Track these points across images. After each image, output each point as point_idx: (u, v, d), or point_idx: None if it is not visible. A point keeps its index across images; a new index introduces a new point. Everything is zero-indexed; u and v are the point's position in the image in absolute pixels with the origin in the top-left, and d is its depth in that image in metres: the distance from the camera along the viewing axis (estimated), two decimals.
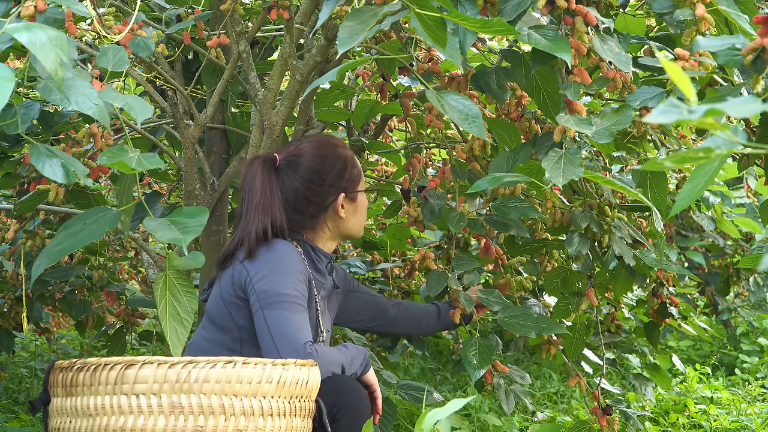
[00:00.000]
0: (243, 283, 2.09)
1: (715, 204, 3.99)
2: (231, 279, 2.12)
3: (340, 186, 2.23)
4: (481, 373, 2.31)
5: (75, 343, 5.47)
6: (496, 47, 2.94)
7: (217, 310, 2.13)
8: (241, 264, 2.11)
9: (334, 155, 2.25)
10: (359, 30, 1.72)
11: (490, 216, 2.45)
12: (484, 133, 1.89)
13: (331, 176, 2.23)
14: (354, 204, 2.26)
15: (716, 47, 1.70)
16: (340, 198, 2.23)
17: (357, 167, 2.28)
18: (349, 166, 2.26)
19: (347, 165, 2.25)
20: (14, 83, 1.40)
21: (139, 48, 2.23)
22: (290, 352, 1.99)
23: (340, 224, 2.25)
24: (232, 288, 2.11)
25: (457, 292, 2.45)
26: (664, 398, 4.23)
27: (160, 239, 1.78)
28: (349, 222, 2.26)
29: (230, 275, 2.12)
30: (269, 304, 2.04)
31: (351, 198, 2.25)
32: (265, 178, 2.17)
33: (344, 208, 2.24)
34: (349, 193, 2.25)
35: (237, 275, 2.11)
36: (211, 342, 2.12)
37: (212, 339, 2.13)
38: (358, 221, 2.28)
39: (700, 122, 0.98)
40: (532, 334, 2.38)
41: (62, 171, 1.69)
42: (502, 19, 1.78)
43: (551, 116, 2.29)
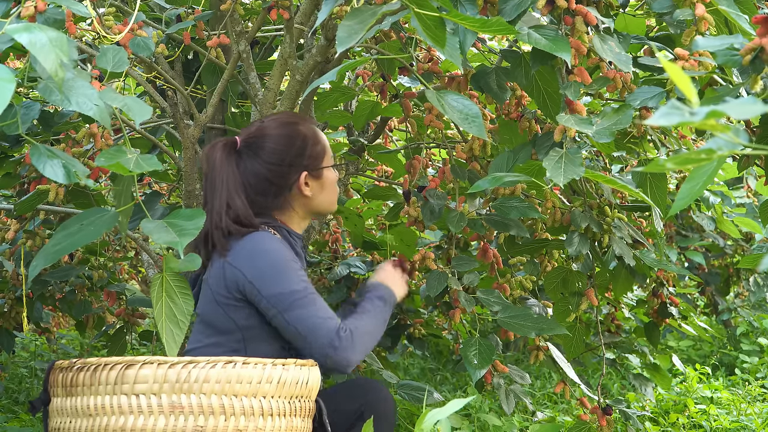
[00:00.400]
0: (240, 285, 2.05)
1: (715, 204, 3.99)
2: (223, 281, 2.07)
3: (301, 164, 2.18)
4: (481, 373, 2.31)
5: (75, 343, 5.47)
6: (496, 47, 2.94)
7: (214, 313, 2.08)
8: (230, 264, 2.06)
9: (294, 133, 2.19)
10: (358, 29, 1.72)
11: (490, 216, 2.45)
12: (484, 133, 1.89)
13: (291, 155, 2.17)
14: (319, 181, 2.21)
15: (715, 47, 1.70)
16: (303, 176, 2.17)
17: (321, 143, 2.22)
18: (310, 143, 2.19)
19: (308, 142, 2.19)
20: (15, 84, 1.40)
21: (139, 48, 2.23)
22: (327, 347, 1.98)
23: (307, 203, 2.20)
24: (226, 290, 2.06)
25: (457, 292, 2.45)
26: (664, 398, 4.23)
27: (157, 242, 1.78)
28: (316, 199, 2.21)
29: (220, 276, 2.07)
30: (287, 308, 2.02)
31: (315, 175, 2.20)
32: (225, 163, 2.14)
33: (309, 185, 2.19)
34: (312, 171, 2.19)
35: (230, 277, 2.06)
36: (213, 346, 2.07)
37: (214, 343, 2.08)
38: (326, 197, 2.22)
39: (702, 124, 0.98)
40: (532, 334, 2.38)
41: (63, 171, 1.69)
42: (501, 19, 1.78)
43: (551, 116, 2.29)
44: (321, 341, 1.99)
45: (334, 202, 2.25)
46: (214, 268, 2.10)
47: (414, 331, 3.69)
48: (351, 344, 2.01)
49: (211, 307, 2.08)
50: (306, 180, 2.18)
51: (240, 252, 2.07)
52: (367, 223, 4.20)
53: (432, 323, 4.06)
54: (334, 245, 3.83)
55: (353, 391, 2.12)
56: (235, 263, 2.06)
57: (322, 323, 2.01)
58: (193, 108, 2.73)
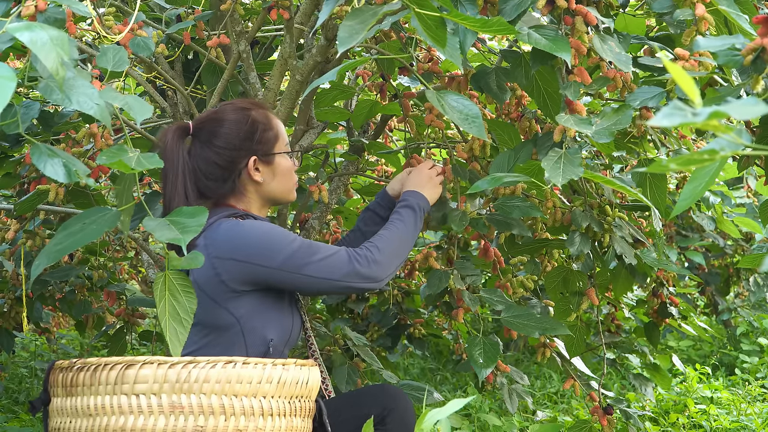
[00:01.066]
0: (246, 273, 2.03)
1: (716, 204, 3.99)
2: (217, 277, 2.03)
3: (250, 148, 2.16)
4: (487, 372, 2.31)
5: (75, 343, 5.47)
6: (496, 47, 2.94)
7: (209, 312, 2.04)
8: (221, 258, 2.03)
9: (245, 118, 2.17)
10: (359, 29, 1.72)
11: (492, 215, 2.45)
12: (484, 134, 1.89)
13: (240, 139, 2.15)
14: (271, 167, 2.18)
15: (716, 47, 1.70)
16: (251, 161, 2.16)
17: (273, 129, 2.20)
18: (260, 128, 2.17)
19: (257, 127, 2.17)
20: (15, 83, 1.40)
21: (139, 48, 2.23)
22: (354, 277, 2.08)
23: (260, 189, 2.18)
24: (224, 285, 2.03)
25: (461, 292, 2.45)
26: (664, 398, 4.24)
27: (160, 239, 1.78)
28: (269, 186, 2.19)
29: (211, 275, 2.03)
30: (302, 265, 2.05)
31: (265, 161, 2.17)
32: (176, 150, 2.13)
33: (260, 171, 2.17)
34: (262, 156, 2.17)
35: (228, 270, 2.03)
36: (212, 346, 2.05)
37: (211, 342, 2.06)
38: (280, 185, 2.20)
39: (704, 124, 0.98)
40: (535, 333, 2.38)
41: (64, 171, 1.69)
42: (502, 19, 1.78)
43: (551, 116, 2.29)
44: (343, 273, 2.07)
45: (290, 190, 2.23)
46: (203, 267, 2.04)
47: (414, 331, 3.69)
48: (372, 262, 2.10)
49: (205, 306, 2.04)
50: (256, 165, 2.16)
51: (222, 243, 2.04)
52: None
53: (432, 323, 4.06)
54: None
55: (377, 396, 2.12)
56: (226, 255, 2.03)
57: (335, 260, 2.07)
58: (193, 108, 2.73)
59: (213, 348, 2.06)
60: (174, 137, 2.14)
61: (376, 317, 3.72)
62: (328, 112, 2.96)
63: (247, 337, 2.06)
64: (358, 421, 2.06)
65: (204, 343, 2.07)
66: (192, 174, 2.14)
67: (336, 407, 2.12)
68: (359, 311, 3.80)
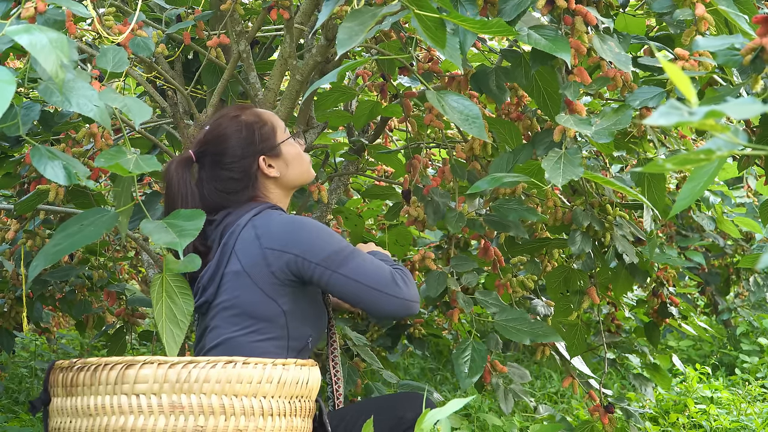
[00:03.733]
0: (291, 265, 2.05)
1: (715, 204, 3.99)
2: (268, 268, 2.05)
3: (255, 151, 2.18)
4: (472, 382, 2.31)
5: (75, 343, 5.47)
6: (496, 47, 2.94)
7: (257, 302, 2.06)
8: (272, 249, 2.05)
9: (237, 126, 2.20)
10: (359, 31, 1.72)
11: (489, 216, 2.45)
12: (484, 134, 1.89)
13: (242, 147, 2.18)
14: (281, 158, 2.21)
15: (715, 47, 1.70)
16: (261, 161, 2.18)
17: (268, 124, 2.22)
18: (255, 128, 2.20)
19: (252, 129, 2.20)
20: (15, 87, 1.40)
21: (139, 48, 2.23)
22: (391, 286, 2.06)
23: (279, 182, 2.21)
24: (273, 276, 2.05)
25: (456, 293, 2.45)
26: (664, 398, 4.24)
27: (157, 242, 1.78)
28: (287, 176, 2.21)
29: (262, 264, 2.05)
30: (341, 263, 2.05)
31: (274, 155, 2.20)
32: (182, 181, 2.15)
33: (273, 167, 2.20)
34: (268, 152, 2.19)
35: (276, 261, 2.05)
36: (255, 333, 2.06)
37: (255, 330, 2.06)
38: (296, 170, 2.23)
39: (700, 124, 0.98)
40: (526, 340, 2.37)
41: (64, 173, 1.69)
42: (501, 20, 1.78)
43: (551, 116, 2.29)
44: (386, 281, 2.06)
45: (306, 171, 2.25)
46: (248, 258, 2.07)
47: (414, 331, 3.69)
48: (409, 281, 2.10)
49: (253, 295, 2.06)
50: (267, 162, 2.19)
51: (276, 235, 2.07)
52: (367, 223, 4.20)
53: (432, 323, 4.06)
54: None
55: (412, 401, 2.13)
56: (278, 247, 2.06)
57: (378, 267, 2.08)
58: (193, 108, 2.73)
59: (256, 337, 2.06)
60: (179, 170, 2.17)
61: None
62: (329, 115, 2.97)
63: (290, 331, 2.08)
64: (392, 422, 2.09)
65: (248, 331, 2.07)
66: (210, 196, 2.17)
67: (372, 409, 2.14)
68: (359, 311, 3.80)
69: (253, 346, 2.05)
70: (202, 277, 2.11)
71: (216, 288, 2.10)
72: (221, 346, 2.08)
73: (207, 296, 2.10)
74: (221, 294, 2.09)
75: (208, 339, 2.11)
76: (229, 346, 2.07)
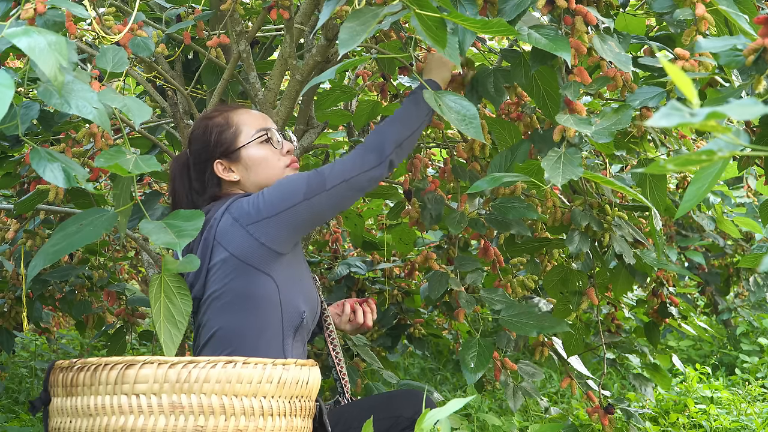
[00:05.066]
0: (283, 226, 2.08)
1: (716, 204, 3.99)
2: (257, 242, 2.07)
3: (213, 155, 2.20)
4: (477, 377, 2.30)
5: (75, 343, 5.47)
6: (496, 47, 2.94)
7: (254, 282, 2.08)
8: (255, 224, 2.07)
9: (202, 127, 2.24)
10: (360, 31, 1.72)
11: (490, 215, 2.45)
12: (481, 135, 1.88)
13: (200, 149, 2.22)
14: (240, 162, 2.20)
15: (718, 48, 1.70)
16: (216, 165, 2.20)
17: (232, 127, 2.22)
18: (216, 132, 2.21)
19: (212, 132, 2.21)
20: (14, 90, 1.40)
21: (139, 48, 2.23)
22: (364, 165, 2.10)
23: (243, 185, 2.21)
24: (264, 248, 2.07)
25: (459, 293, 2.45)
26: (664, 398, 4.24)
27: (156, 242, 1.78)
28: (249, 179, 2.21)
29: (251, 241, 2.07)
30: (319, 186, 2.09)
31: (232, 159, 2.20)
32: (178, 176, 2.26)
33: (233, 170, 2.20)
34: (223, 157, 2.20)
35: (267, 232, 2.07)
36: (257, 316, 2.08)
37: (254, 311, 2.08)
38: (261, 174, 2.21)
39: (702, 125, 0.98)
40: (533, 333, 2.37)
41: (63, 175, 1.69)
42: (502, 20, 1.78)
43: (551, 116, 2.29)
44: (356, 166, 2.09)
45: (274, 174, 2.22)
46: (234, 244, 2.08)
47: (414, 331, 3.69)
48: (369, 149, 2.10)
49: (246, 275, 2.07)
50: (224, 166, 2.21)
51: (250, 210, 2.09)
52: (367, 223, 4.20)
53: (432, 323, 4.06)
54: (334, 245, 3.83)
55: (410, 399, 2.14)
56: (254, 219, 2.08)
57: (343, 162, 2.10)
58: (193, 108, 2.73)
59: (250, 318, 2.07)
60: (176, 167, 2.27)
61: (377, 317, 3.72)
62: (330, 115, 2.96)
63: (283, 306, 2.09)
64: (390, 422, 2.10)
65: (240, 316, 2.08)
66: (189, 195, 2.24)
67: (370, 407, 2.14)
68: None
69: (249, 329, 2.06)
70: (187, 276, 2.12)
71: (203, 283, 2.11)
72: (215, 337, 2.09)
73: (195, 293, 2.11)
74: (210, 287, 2.10)
75: (202, 335, 2.12)
76: (224, 334, 2.07)
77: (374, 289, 3.90)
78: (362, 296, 3.74)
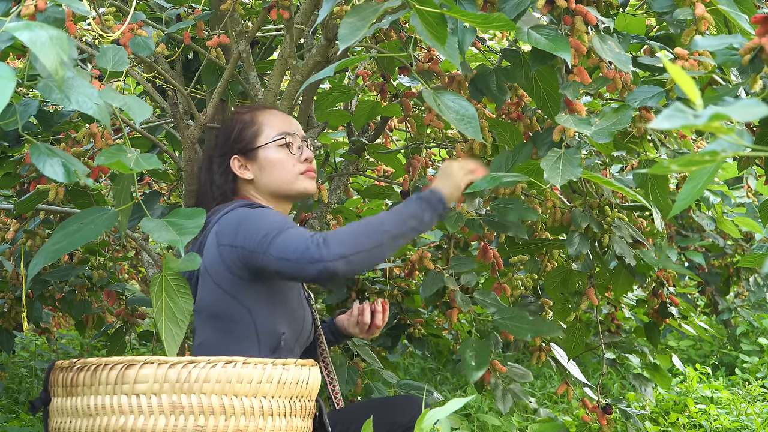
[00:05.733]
0: (241, 259, 2.02)
1: (715, 204, 3.99)
2: (224, 264, 2.04)
3: (232, 149, 2.20)
4: (479, 375, 2.30)
5: (75, 343, 5.47)
6: (496, 47, 2.94)
7: (220, 302, 2.05)
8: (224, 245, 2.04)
9: (227, 122, 2.25)
10: (360, 26, 1.71)
11: (488, 217, 2.45)
12: (479, 135, 1.88)
13: (221, 143, 2.22)
14: (256, 162, 2.19)
15: (714, 46, 1.69)
16: (233, 161, 2.19)
17: (254, 126, 2.21)
18: (238, 128, 2.21)
19: (235, 127, 2.22)
20: (15, 83, 1.40)
21: (139, 48, 2.23)
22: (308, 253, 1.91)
23: (255, 185, 2.19)
24: (230, 273, 2.04)
25: (454, 292, 2.45)
26: (664, 398, 4.23)
27: (157, 240, 1.78)
28: (262, 180, 2.19)
29: (218, 261, 2.04)
30: (269, 244, 1.96)
31: (249, 157, 2.19)
32: (204, 170, 2.27)
33: (248, 169, 2.19)
34: (241, 154, 2.19)
35: (229, 257, 2.03)
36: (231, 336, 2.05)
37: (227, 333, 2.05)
38: (274, 176, 2.19)
39: (705, 126, 0.98)
40: (528, 336, 2.37)
41: (63, 170, 1.69)
42: (502, 15, 1.77)
43: (551, 116, 2.29)
44: (299, 251, 1.92)
45: (289, 181, 2.19)
46: (209, 257, 2.07)
47: (414, 331, 3.69)
48: (323, 244, 1.92)
49: (215, 295, 2.06)
50: (241, 163, 2.20)
51: (226, 230, 2.06)
52: None
53: (432, 323, 4.06)
54: None
55: (406, 405, 2.14)
56: (227, 242, 2.04)
57: (293, 237, 1.95)
58: (193, 108, 2.73)
59: (226, 338, 2.06)
60: (206, 158, 2.29)
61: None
62: (329, 115, 2.96)
63: (259, 329, 2.06)
64: (386, 428, 2.08)
65: (217, 335, 2.07)
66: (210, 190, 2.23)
67: (368, 412, 2.13)
68: None
69: (225, 347, 2.05)
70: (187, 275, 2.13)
71: (194, 287, 2.12)
72: (199, 347, 2.10)
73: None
74: (197, 294, 2.11)
75: (194, 340, 2.14)
76: (204, 348, 2.08)
77: (374, 289, 3.89)
78: (362, 296, 3.75)
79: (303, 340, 2.20)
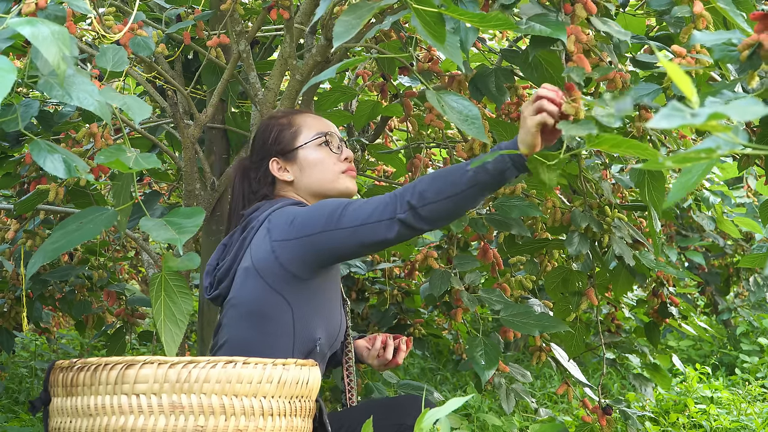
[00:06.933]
0: (301, 252, 2.00)
1: (716, 204, 3.99)
2: (276, 261, 2.02)
3: (270, 152, 2.18)
4: (490, 374, 2.29)
5: (75, 343, 5.47)
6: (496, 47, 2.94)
7: (267, 299, 2.03)
8: (278, 241, 2.02)
9: (264, 125, 2.23)
10: (355, 24, 1.71)
11: (491, 215, 2.45)
12: (483, 135, 1.87)
13: (259, 146, 2.21)
14: (296, 163, 2.18)
15: (712, 42, 1.69)
16: (272, 163, 2.18)
17: (293, 128, 2.20)
18: (276, 130, 2.20)
19: (272, 130, 2.20)
20: (16, 74, 1.40)
21: (139, 48, 2.23)
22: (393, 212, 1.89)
23: (295, 186, 2.18)
24: (281, 268, 2.01)
25: (460, 292, 2.45)
26: (664, 398, 4.24)
27: (156, 239, 1.77)
28: (302, 181, 2.17)
29: (271, 258, 2.02)
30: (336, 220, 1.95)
31: (288, 158, 2.18)
32: (236, 179, 2.24)
33: (288, 170, 2.18)
34: (280, 155, 2.18)
35: (284, 253, 2.01)
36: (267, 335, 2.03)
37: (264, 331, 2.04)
38: (313, 177, 2.17)
39: (703, 125, 0.98)
40: (535, 332, 2.37)
41: (63, 166, 1.69)
42: (500, 13, 1.77)
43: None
44: (380, 210, 1.91)
45: (330, 180, 2.18)
46: (259, 254, 2.05)
47: (414, 331, 3.69)
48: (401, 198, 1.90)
49: (260, 291, 2.04)
50: (280, 165, 2.18)
51: (280, 226, 2.04)
52: None
53: (432, 323, 4.07)
54: None
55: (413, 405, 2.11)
56: (282, 237, 2.02)
57: (371, 202, 1.93)
58: (193, 108, 2.73)
59: (261, 336, 2.05)
60: (238, 169, 2.25)
61: (376, 317, 3.72)
62: (330, 115, 2.97)
63: (296, 331, 2.05)
64: (393, 429, 2.06)
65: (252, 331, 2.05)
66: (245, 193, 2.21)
67: (370, 412, 2.12)
68: (359, 311, 3.79)
69: (258, 345, 2.04)
70: (219, 268, 2.12)
71: (229, 283, 2.10)
72: (227, 344, 2.08)
73: (221, 290, 2.11)
74: (233, 290, 2.09)
75: (220, 336, 2.11)
76: (235, 344, 2.07)
77: (374, 289, 3.90)
78: (362, 296, 3.75)
79: (336, 347, 2.19)
